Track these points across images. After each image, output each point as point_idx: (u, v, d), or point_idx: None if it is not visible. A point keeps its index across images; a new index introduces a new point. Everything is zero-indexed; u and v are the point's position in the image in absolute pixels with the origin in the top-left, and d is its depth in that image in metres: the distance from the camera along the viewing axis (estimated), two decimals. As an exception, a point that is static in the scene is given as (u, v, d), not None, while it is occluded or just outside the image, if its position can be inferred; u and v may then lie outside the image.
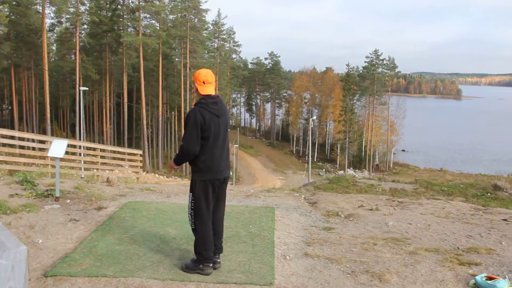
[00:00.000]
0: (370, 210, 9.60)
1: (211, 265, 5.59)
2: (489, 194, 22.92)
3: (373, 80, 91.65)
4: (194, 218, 5.52)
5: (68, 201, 8.78)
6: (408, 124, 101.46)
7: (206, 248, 5.54)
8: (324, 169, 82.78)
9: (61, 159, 8.94)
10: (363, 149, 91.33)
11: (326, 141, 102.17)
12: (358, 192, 23.12)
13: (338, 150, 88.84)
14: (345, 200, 10.96)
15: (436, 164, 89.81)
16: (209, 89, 5.41)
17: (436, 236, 7.50)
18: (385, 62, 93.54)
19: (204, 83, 5.37)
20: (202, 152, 5.33)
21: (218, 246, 5.78)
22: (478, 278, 5.42)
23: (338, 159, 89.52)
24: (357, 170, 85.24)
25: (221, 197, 5.75)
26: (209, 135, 5.30)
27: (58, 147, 8.76)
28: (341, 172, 78.98)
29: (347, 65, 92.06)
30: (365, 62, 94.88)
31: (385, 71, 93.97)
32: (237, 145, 75.05)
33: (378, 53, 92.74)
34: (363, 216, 8.78)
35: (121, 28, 67.81)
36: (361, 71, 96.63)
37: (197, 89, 5.39)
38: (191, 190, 5.51)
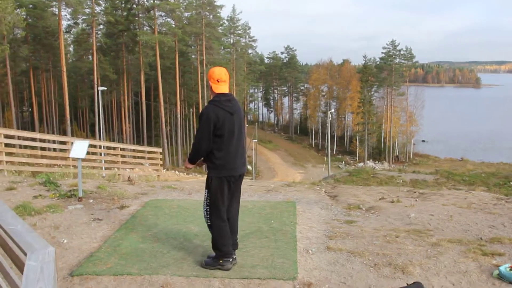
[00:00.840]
0: (391, 202, 9.57)
1: (230, 260, 5.63)
2: (511, 183, 22.67)
3: (390, 71, 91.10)
4: (210, 214, 5.58)
5: (91, 200, 8.87)
6: (427, 114, 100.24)
7: (224, 244, 5.59)
8: (343, 162, 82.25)
9: (83, 159, 8.94)
10: (383, 140, 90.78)
11: (345, 134, 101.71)
12: (378, 184, 23.32)
13: (357, 142, 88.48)
14: (366, 193, 10.97)
15: (456, 153, 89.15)
16: (223, 87, 5.46)
17: (458, 227, 7.45)
18: (402, 52, 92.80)
19: (218, 81, 5.43)
20: (217, 149, 5.38)
21: (234, 242, 5.83)
22: (502, 268, 5.38)
23: (357, 151, 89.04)
24: (376, 162, 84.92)
25: (236, 194, 5.78)
26: (223, 133, 5.33)
27: (79, 147, 8.83)
28: (361, 164, 78.54)
29: (364, 56, 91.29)
30: (382, 53, 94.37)
31: (403, 61, 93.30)
32: (256, 140, 74.87)
33: (395, 44, 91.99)
34: (384, 209, 8.76)
35: (137, 27, 68.24)
36: (378, 62, 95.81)
37: (211, 87, 5.44)
38: (207, 186, 5.57)
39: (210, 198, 5.54)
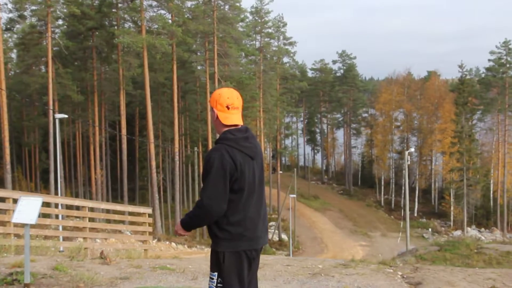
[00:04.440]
0: (507, 294, 9.44)
1: None
2: None
3: (503, 88, 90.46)
4: None
5: (44, 289, 8.71)
6: None
7: None
8: (430, 229, 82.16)
9: (32, 226, 8.98)
10: (491, 196, 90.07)
11: (432, 186, 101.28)
12: (486, 265, 23.12)
13: (452, 199, 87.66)
14: (467, 278, 10.81)
15: None
16: (236, 118, 5.49)
17: None
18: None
19: (228, 108, 5.45)
20: (232, 211, 5.34)
21: None
22: None
23: (452, 213, 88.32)
24: (482, 229, 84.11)
25: (255, 275, 5.76)
26: (242, 187, 5.34)
27: (27, 208, 8.78)
28: (458, 233, 78.30)
29: (460, 66, 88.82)
30: (488, 60, 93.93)
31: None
32: (295, 195, 74.53)
33: (510, 46, 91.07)
34: (496, 304, 8.65)
35: (115, 23, 68.64)
36: (483, 75, 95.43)
37: (218, 117, 5.48)
38: (215, 268, 5.50)
39: (222, 285, 5.44)
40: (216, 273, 5.45)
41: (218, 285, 5.43)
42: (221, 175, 5.19)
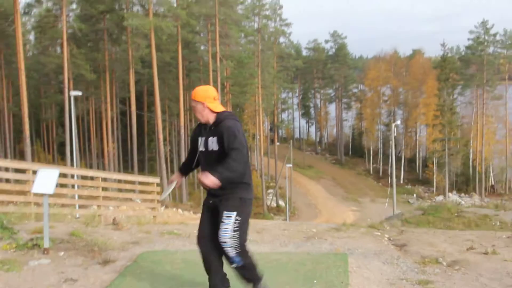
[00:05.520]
0: (484, 254, 9.49)
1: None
2: None
3: (481, 65, 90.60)
4: (240, 240, 6.26)
5: (62, 253, 8.84)
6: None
7: (258, 270, 6.50)
8: (415, 195, 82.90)
9: (50, 195, 9.02)
10: (471, 164, 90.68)
11: (417, 155, 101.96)
12: (465, 227, 23.38)
13: (435, 167, 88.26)
14: (448, 240, 10.90)
15: None
16: (220, 106, 6.41)
17: None
18: (498, 37, 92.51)
19: (214, 99, 6.34)
20: (249, 168, 6.41)
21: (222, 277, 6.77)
22: None
23: (435, 180, 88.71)
24: (462, 194, 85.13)
25: None
26: (247, 150, 6.27)
27: (45, 179, 8.82)
28: (440, 198, 79.18)
29: (443, 45, 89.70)
30: (468, 39, 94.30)
31: (499, 50, 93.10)
32: (291, 165, 74.52)
33: (487, 26, 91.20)
34: (474, 263, 8.70)
35: (125, 7, 68.44)
36: (463, 53, 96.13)
37: (210, 109, 6.31)
38: (234, 209, 6.26)
39: (240, 221, 6.25)
40: (235, 212, 6.23)
41: (236, 222, 6.22)
42: (244, 138, 6.21)
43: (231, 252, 6.19)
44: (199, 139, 6.48)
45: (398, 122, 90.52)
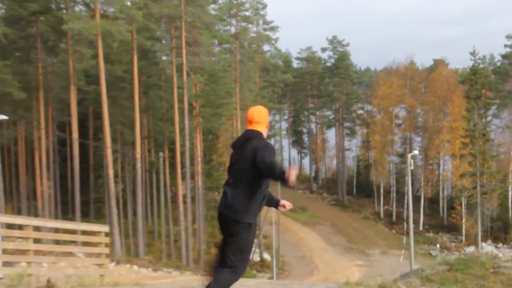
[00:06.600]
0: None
1: None
2: None
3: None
4: (239, 261, 7.44)
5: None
6: None
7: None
8: (438, 245, 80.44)
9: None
10: (510, 205, 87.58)
11: (440, 194, 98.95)
12: (505, 287, 20.70)
13: (463, 210, 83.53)
14: (483, 307, 7.51)
15: None
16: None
17: None
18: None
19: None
20: (260, 192, 7.41)
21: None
22: None
23: (463, 226, 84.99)
24: (500, 244, 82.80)
25: None
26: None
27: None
28: (471, 249, 76.77)
29: (472, 53, 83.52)
30: (505, 46, 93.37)
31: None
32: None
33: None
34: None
35: (63, 6, 63.59)
36: (498, 64, 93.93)
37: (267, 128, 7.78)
38: (245, 232, 7.40)
39: (245, 245, 7.44)
40: (246, 234, 7.49)
41: (245, 240, 7.53)
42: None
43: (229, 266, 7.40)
44: None
45: (416, 151, 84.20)
